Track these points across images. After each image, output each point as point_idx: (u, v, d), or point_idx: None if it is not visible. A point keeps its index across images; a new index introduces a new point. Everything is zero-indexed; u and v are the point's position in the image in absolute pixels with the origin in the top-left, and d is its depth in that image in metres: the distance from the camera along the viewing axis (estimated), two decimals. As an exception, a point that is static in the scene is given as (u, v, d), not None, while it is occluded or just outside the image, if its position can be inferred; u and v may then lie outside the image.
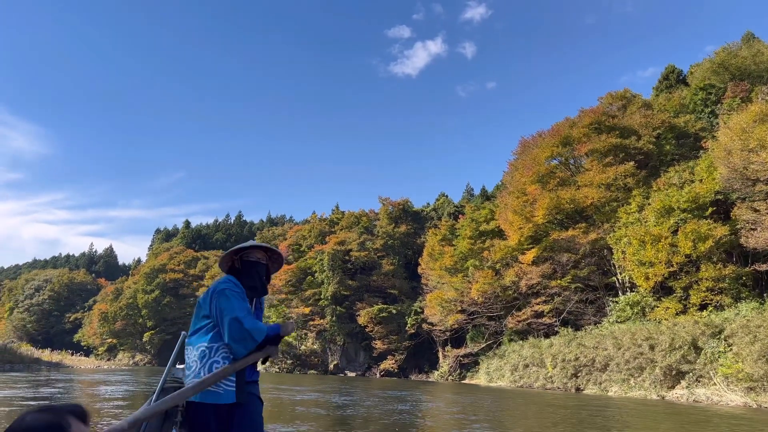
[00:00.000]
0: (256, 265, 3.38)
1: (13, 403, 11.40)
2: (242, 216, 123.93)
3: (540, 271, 34.45)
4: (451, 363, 47.71)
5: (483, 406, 16.70)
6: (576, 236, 32.47)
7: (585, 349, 29.09)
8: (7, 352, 34.32)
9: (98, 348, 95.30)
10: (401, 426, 11.05)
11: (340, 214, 73.70)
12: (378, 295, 59.08)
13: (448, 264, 42.56)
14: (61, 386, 17.68)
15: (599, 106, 36.85)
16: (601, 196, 31.88)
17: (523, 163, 36.73)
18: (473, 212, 43.91)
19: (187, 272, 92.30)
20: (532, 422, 12.34)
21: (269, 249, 3.50)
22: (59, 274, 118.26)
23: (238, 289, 3.17)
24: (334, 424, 11.16)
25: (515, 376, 34.39)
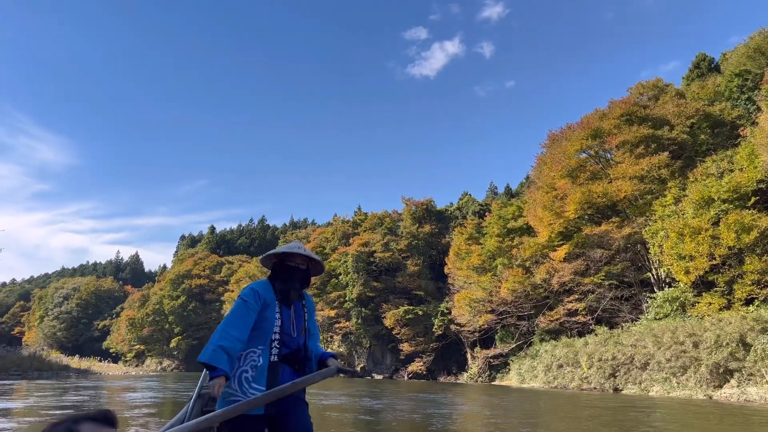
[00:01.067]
0: (293, 271, 3.33)
1: (37, 411, 10.96)
2: (265, 220, 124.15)
3: (572, 267, 33.41)
4: (481, 364, 46.77)
5: (523, 409, 15.93)
6: (609, 231, 31.37)
7: (622, 347, 28.02)
8: (36, 359, 34.39)
9: (126, 354, 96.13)
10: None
11: (363, 216, 73.15)
12: (403, 297, 58.31)
13: (476, 263, 41.65)
14: (87, 393, 17.32)
15: (629, 97, 35.67)
16: (634, 189, 30.75)
17: (552, 157, 35.69)
18: (500, 209, 42.93)
19: (212, 277, 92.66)
20: (584, 425, 11.55)
21: (311, 258, 3.47)
22: (87, 282, 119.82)
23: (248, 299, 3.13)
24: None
25: (549, 377, 33.39)
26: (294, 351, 3.25)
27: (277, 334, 3.19)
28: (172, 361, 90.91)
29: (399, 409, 14.78)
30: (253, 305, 3.14)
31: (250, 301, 3.14)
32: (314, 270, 3.54)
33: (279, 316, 3.22)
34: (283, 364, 3.19)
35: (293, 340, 3.26)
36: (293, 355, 3.25)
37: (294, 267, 3.35)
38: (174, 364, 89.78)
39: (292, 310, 3.30)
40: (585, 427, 11.11)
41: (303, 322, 3.36)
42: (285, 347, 3.21)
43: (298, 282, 3.36)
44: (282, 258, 3.41)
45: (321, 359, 3.35)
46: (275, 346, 3.16)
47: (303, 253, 3.39)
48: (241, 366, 3.05)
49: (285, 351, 3.21)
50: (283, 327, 3.23)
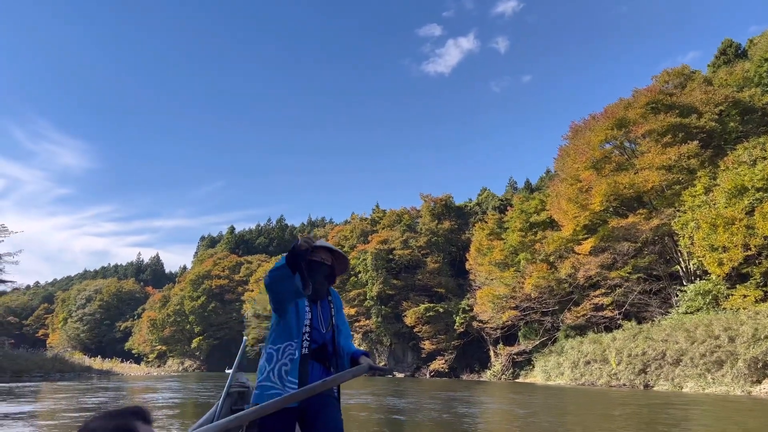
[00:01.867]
0: (319, 265, 3.28)
1: (52, 414, 10.61)
2: (283, 220, 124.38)
3: (598, 261, 32.55)
4: (504, 361, 46.04)
5: (556, 407, 15.30)
6: (637, 223, 30.47)
7: (653, 342, 27.14)
8: (58, 361, 34.46)
9: (148, 355, 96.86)
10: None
11: (381, 213, 72.62)
12: (424, 294, 57.72)
13: (498, 258, 40.91)
14: (108, 395, 17.03)
15: (654, 85, 34.65)
16: (662, 179, 29.83)
17: (575, 149, 34.81)
18: (522, 203, 42.10)
19: (232, 277, 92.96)
20: (625, 423, 10.92)
21: (335, 251, 3.42)
22: (108, 284, 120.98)
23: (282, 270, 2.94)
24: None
25: (575, 374, 32.59)
26: (321, 346, 3.23)
27: (308, 328, 3.17)
28: (194, 361, 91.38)
29: (428, 408, 14.26)
30: (285, 272, 2.97)
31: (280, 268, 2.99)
32: (339, 267, 3.48)
33: (309, 310, 3.21)
34: (312, 359, 3.17)
35: (321, 335, 3.24)
36: (321, 350, 3.22)
37: (319, 262, 3.29)
38: (195, 364, 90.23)
39: (318, 306, 3.28)
40: (627, 426, 10.49)
41: (330, 318, 3.33)
42: (314, 342, 3.19)
43: (323, 277, 3.33)
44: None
45: (353, 357, 3.30)
46: (306, 340, 3.14)
47: (326, 245, 3.34)
48: (281, 359, 3.04)
49: (314, 346, 3.19)
50: (312, 321, 3.22)
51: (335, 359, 3.28)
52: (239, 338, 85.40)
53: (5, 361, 29.04)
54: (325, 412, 3.04)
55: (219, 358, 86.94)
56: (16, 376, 27.66)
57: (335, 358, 3.29)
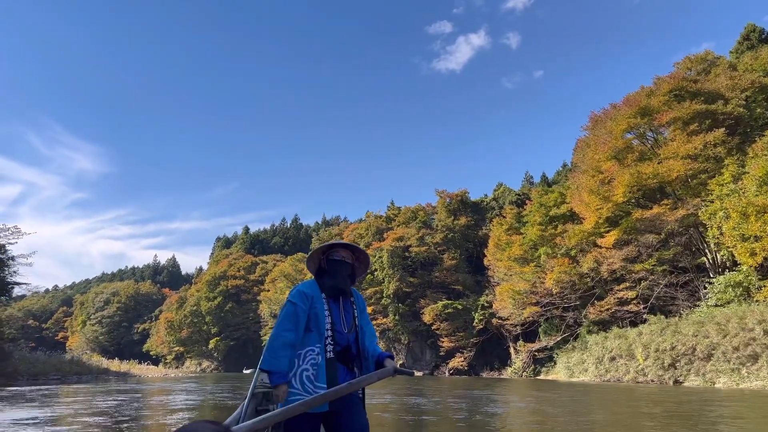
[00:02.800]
0: (341, 264, 3.28)
1: (65, 419, 10.13)
2: (298, 219, 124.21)
3: (622, 254, 31.63)
4: (525, 358, 45.20)
5: (588, 404, 14.60)
6: (662, 214, 29.52)
7: (682, 336, 26.24)
8: (75, 363, 34.29)
9: (166, 356, 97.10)
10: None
11: (396, 210, 71.91)
12: (441, 291, 56.98)
13: (518, 253, 40.06)
14: (122, 397, 16.59)
15: (677, 72, 33.63)
16: (687, 169, 28.85)
17: (596, 139, 33.88)
18: (541, 197, 41.15)
19: (248, 278, 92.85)
20: (661, 421, 10.21)
21: (355, 248, 3.41)
22: (126, 286, 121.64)
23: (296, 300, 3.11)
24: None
25: (600, 370, 31.76)
26: (345, 348, 3.18)
27: (330, 331, 3.14)
28: (211, 362, 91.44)
29: (455, 408, 13.63)
30: (301, 306, 3.11)
31: (298, 303, 3.12)
32: (360, 266, 3.47)
33: (329, 313, 3.17)
34: (337, 361, 3.12)
35: (344, 336, 3.19)
36: (345, 352, 3.18)
37: (339, 260, 3.29)
38: (213, 365, 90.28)
39: (341, 307, 3.24)
40: (671, 424, 9.78)
41: (353, 319, 3.28)
42: (337, 345, 3.15)
43: (345, 275, 3.29)
44: (327, 254, 3.36)
45: (378, 360, 3.23)
46: (329, 343, 3.11)
47: (347, 244, 3.34)
48: (302, 365, 3.03)
49: (338, 348, 3.15)
50: (333, 324, 3.17)
51: (359, 361, 3.24)
52: (256, 338, 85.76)
53: (21, 364, 28.88)
54: (350, 414, 3.01)
55: (236, 359, 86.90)
56: (33, 379, 27.46)
57: (359, 360, 3.24)
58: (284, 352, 3.03)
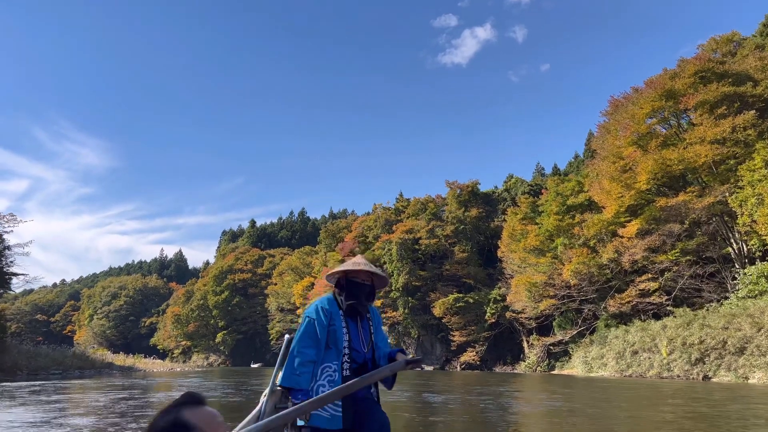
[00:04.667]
0: (360, 287, 3.28)
1: (45, 423, 8.99)
2: (305, 212, 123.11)
3: (645, 244, 30.24)
4: (539, 353, 43.97)
5: (619, 400, 13.40)
6: (688, 201, 28.12)
7: (711, 330, 24.90)
8: (78, 357, 33.33)
9: (174, 351, 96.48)
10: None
11: (405, 202, 70.54)
12: (452, 284, 55.72)
13: (533, 244, 38.67)
14: (117, 395, 15.47)
15: (702, 54, 32.09)
16: (715, 154, 27.43)
17: (617, 124, 32.45)
18: (557, 186, 39.70)
19: (255, 271, 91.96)
20: (713, 422, 8.98)
21: (375, 274, 3.38)
22: (133, 280, 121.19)
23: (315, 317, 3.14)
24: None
25: (621, 365, 30.47)
26: (361, 365, 3.19)
27: (347, 349, 3.15)
28: (219, 356, 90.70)
29: (478, 406, 12.43)
30: (321, 321, 3.13)
31: (317, 318, 3.14)
32: (378, 284, 3.42)
33: (346, 331, 3.18)
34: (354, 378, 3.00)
35: (361, 355, 3.21)
36: (361, 370, 3.15)
37: (360, 283, 3.28)
38: (220, 359, 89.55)
39: (358, 325, 3.25)
40: (724, 425, 8.55)
41: (369, 336, 3.29)
42: (354, 362, 3.16)
43: (364, 297, 3.29)
44: (347, 274, 3.32)
45: (390, 355, 3.24)
46: (346, 361, 3.12)
47: (366, 269, 3.28)
48: (319, 380, 3.04)
49: (354, 366, 3.15)
50: (351, 342, 3.19)
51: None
52: (263, 332, 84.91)
53: (22, 358, 27.92)
54: (371, 412, 3.00)
55: (244, 353, 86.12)
56: (33, 374, 26.49)
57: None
58: (305, 368, 3.03)
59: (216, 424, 1.34)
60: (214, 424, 1.33)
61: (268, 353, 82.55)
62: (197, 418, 1.31)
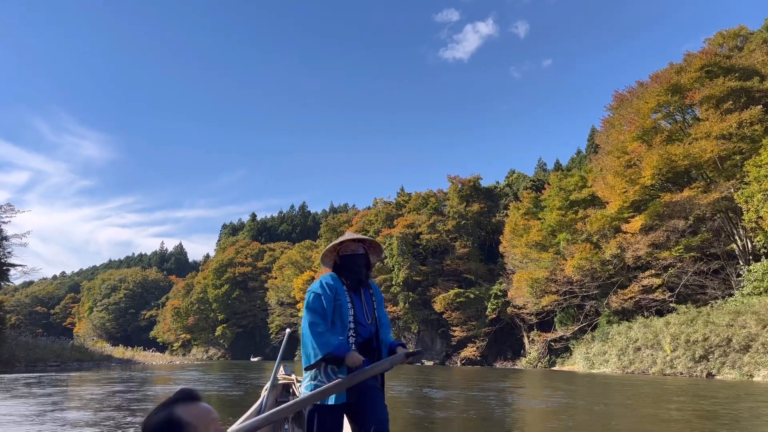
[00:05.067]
0: (353, 258, 3.28)
1: (29, 417, 8.75)
2: (306, 206, 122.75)
3: (649, 240, 29.95)
4: (540, 348, 43.77)
5: (629, 397, 13.16)
6: (693, 197, 27.83)
7: (716, 327, 24.64)
8: (76, 349, 33.10)
9: (173, 344, 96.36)
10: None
11: (407, 197, 70.27)
12: (452, 280, 55.49)
13: (536, 239, 38.40)
14: (118, 387, 15.26)
15: (709, 48, 31.75)
16: (721, 149, 27.11)
17: (621, 119, 32.13)
18: (560, 181, 39.37)
19: (255, 265, 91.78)
20: (723, 421, 8.74)
21: (364, 239, 3.38)
22: (132, 273, 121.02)
23: (319, 302, 3.09)
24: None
25: (623, 361, 30.23)
26: (367, 340, 3.19)
27: (352, 323, 3.15)
28: (218, 349, 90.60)
29: (482, 402, 12.19)
30: (327, 295, 3.10)
31: (322, 293, 3.10)
32: (373, 251, 3.43)
33: (351, 305, 3.17)
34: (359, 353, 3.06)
35: (366, 329, 3.20)
36: (367, 344, 3.17)
37: (352, 254, 3.27)
38: (220, 353, 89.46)
39: (362, 299, 3.23)
40: (733, 424, 8.31)
41: (373, 311, 3.27)
42: (359, 336, 3.16)
43: (363, 267, 3.28)
44: (339, 251, 3.34)
45: (390, 348, 3.25)
46: (351, 335, 3.12)
47: (353, 237, 3.31)
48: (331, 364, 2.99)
49: (360, 340, 3.15)
50: (356, 316, 3.17)
51: (379, 352, 3.22)
52: (263, 326, 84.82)
53: (20, 350, 27.68)
54: (372, 404, 2.98)
55: (243, 347, 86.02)
56: (31, 366, 26.28)
57: (379, 352, 3.22)
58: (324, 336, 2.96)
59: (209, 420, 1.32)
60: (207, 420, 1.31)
61: (268, 347, 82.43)
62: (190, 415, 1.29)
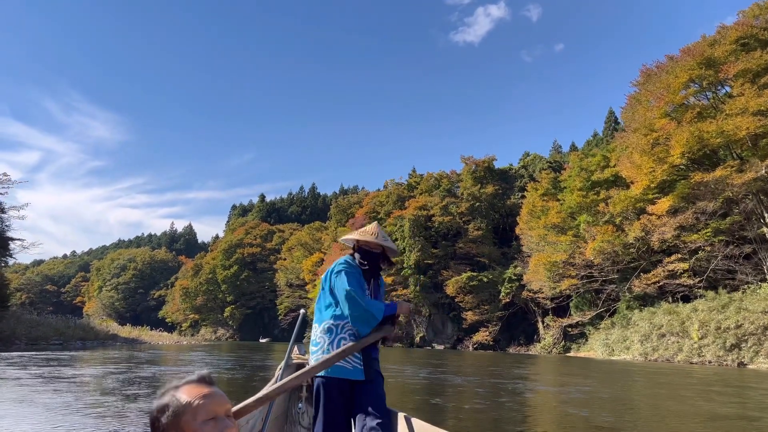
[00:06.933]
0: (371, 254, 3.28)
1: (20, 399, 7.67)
2: (316, 188, 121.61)
3: (677, 222, 28.48)
4: (555, 334, 42.60)
5: (662, 387, 11.96)
6: (727, 177, 26.29)
7: (750, 314, 23.33)
8: (80, 327, 32.30)
9: (182, 324, 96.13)
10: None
11: (418, 178, 68.85)
12: (465, 263, 54.31)
13: (554, 221, 36.98)
14: (114, 367, 14.24)
15: (744, 20, 29.95)
16: (758, 126, 25.52)
17: (648, 95, 30.50)
18: (581, 160, 37.80)
19: (264, 246, 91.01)
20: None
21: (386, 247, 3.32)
22: (142, 253, 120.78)
23: (353, 270, 3.14)
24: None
25: (646, 348, 28.99)
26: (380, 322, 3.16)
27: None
28: (227, 330, 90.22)
29: (511, 389, 11.00)
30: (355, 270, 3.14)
31: (350, 269, 3.13)
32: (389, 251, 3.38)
33: (368, 288, 3.20)
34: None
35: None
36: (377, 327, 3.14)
37: (370, 251, 3.28)
38: (228, 333, 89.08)
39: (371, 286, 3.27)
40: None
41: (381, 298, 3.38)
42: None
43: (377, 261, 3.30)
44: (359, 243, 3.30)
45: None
46: None
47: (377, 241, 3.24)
48: (340, 334, 3.01)
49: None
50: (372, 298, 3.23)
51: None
52: (272, 307, 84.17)
53: (21, 327, 26.85)
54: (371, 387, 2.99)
55: (252, 328, 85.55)
56: (32, 344, 25.44)
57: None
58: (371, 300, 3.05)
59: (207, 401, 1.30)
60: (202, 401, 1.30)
61: (276, 328, 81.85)
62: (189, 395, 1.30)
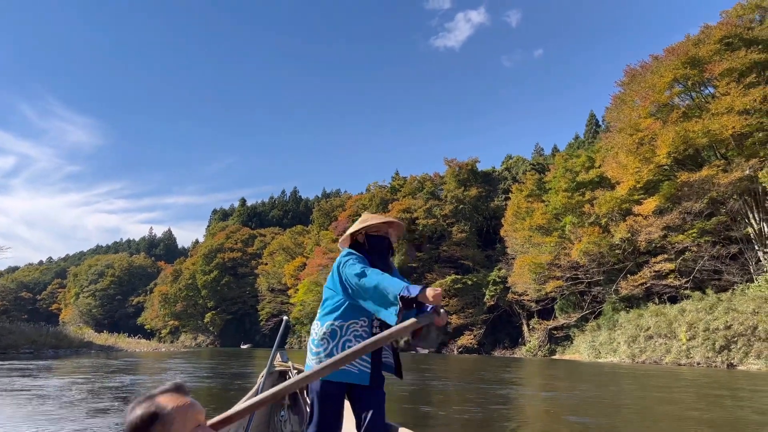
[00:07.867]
0: (382, 240, 2.96)
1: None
2: (297, 192, 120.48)
3: (663, 222, 28.27)
4: (540, 337, 42.24)
5: (658, 390, 11.51)
6: (712, 177, 26.13)
7: (739, 315, 23.12)
8: (53, 335, 31.10)
9: (161, 330, 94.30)
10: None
11: (402, 180, 68.32)
12: (449, 266, 53.86)
13: (540, 222, 36.66)
14: (78, 377, 13.40)
15: (728, 19, 29.93)
16: (743, 125, 25.41)
17: (633, 95, 30.32)
18: (566, 161, 37.55)
19: (245, 251, 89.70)
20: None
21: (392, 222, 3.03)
22: (120, 259, 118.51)
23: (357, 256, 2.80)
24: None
25: (633, 350, 28.72)
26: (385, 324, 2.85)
27: None
28: (207, 336, 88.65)
29: (509, 396, 10.43)
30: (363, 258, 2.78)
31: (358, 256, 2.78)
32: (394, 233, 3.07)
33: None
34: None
35: None
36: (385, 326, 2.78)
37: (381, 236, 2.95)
38: (209, 340, 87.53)
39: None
40: None
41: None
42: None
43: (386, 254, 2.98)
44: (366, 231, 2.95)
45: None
46: (375, 318, 2.79)
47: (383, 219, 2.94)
48: (345, 335, 2.73)
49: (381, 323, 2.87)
50: None
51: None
52: (253, 313, 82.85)
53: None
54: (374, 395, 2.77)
55: (233, 334, 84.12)
56: (2, 352, 24.33)
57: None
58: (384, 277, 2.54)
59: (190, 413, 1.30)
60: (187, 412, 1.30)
61: (258, 334, 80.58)
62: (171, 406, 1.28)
